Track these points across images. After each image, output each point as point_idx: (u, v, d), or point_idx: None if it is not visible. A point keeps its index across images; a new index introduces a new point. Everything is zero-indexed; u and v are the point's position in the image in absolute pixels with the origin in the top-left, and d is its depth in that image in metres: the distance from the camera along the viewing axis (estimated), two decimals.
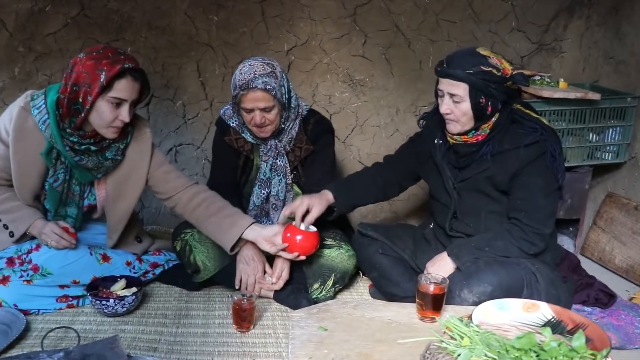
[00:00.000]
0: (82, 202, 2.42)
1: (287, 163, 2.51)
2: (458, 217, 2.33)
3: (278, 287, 2.38)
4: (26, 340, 2.06)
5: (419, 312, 1.92)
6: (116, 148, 2.30)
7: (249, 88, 2.29)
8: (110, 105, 2.12)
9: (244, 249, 2.39)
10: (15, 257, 2.33)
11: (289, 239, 2.24)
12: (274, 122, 2.39)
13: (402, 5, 3.17)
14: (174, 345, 2.06)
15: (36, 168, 2.26)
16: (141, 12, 3.15)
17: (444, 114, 2.15)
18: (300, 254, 2.27)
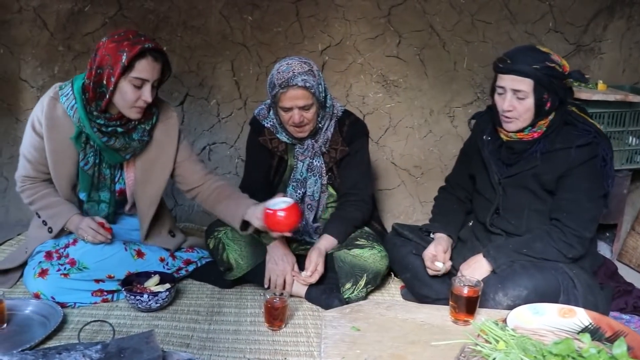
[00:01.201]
0: (114, 186, 2.46)
1: (323, 163, 2.51)
2: (500, 213, 2.31)
3: (313, 281, 2.36)
4: (63, 332, 2.10)
5: (452, 315, 1.91)
6: (142, 129, 2.34)
7: (288, 86, 2.29)
8: (132, 86, 2.17)
9: (273, 248, 2.41)
10: (53, 251, 2.40)
11: (272, 216, 2.16)
12: (312, 121, 2.39)
13: (437, 6, 3.15)
14: (206, 342, 2.07)
15: (69, 154, 2.33)
16: (177, 12, 3.19)
17: (506, 111, 2.12)
18: (286, 230, 2.20)
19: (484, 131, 2.33)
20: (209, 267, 2.60)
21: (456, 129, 3.30)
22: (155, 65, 2.19)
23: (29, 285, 2.33)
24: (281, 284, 2.37)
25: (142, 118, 2.29)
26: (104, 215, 2.48)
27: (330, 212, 2.59)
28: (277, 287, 2.37)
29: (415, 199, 3.40)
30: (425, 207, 3.39)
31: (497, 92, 2.17)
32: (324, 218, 2.60)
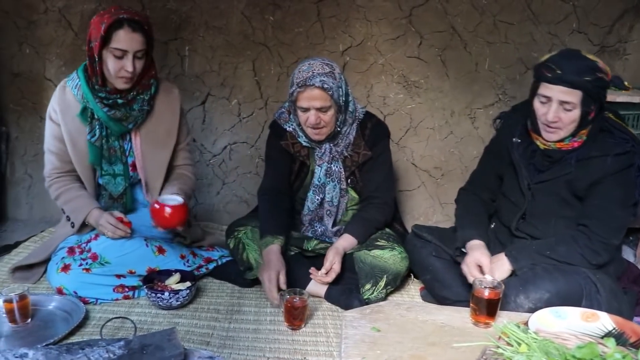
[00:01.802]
0: (126, 158, 2.51)
1: (341, 168, 2.50)
2: (527, 218, 2.27)
3: (329, 279, 2.35)
4: (85, 328, 2.13)
5: (473, 317, 1.90)
6: (141, 99, 2.42)
7: (306, 85, 2.28)
8: (113, 57, 2.25)
9: (264, 255, 2.38)
10: (75, 246, 2.45)
11: (158, 210, 2.23)
12: (330, 124, 2.37)
13: (459, 7, 3.14)
14: (226, 340, 2.08)
15: (81, 131, 2.42)
16: (199, 12, 3.21)
17: (551, 122, 2.04)
18: (167, 226, 2.27)
19: (513, 133, 2.27)
20: (229, 266, 2.61)
21: (477, 131, 3.28)
22: (133, 36, 2.24)
23: (52, 280, 2.37)
24: (271, 293, 2.28)
25: (140, 89, 2.38)
26: (122, 189, 2.53)
27: (351, 215, 2.59)
28: (268, 296, 2.31)
29: (435, 200, 3.39)
30: (445, 208, 3.38)
31: (539, 100, 2.07)
32: (344, 220, 2.59)
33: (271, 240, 2.38)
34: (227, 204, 3.44)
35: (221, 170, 3.40)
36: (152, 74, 2.42)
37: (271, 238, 2.39)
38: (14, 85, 3.44)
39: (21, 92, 3.44)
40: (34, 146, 3.42)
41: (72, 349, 1.64)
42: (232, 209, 3.41)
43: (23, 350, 1.57)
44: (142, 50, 2.28)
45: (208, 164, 3.40)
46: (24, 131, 3.49)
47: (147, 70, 2.39)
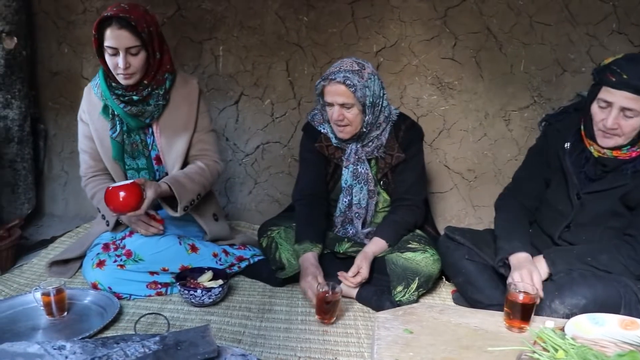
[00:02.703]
0: (148, 152, 2.53)
1: (368, 169, 2.49)
2: (571, 229, 2.19)
3: (356, 282, 2.33)
4: (119, 323, 2.15)
5: (507, 321, 1.87)
6: (157, 94, 2.42)
7: (329, 79, 2.30)
8: (108, 55, 2.28)
9: (301, 262, 2.39)
10: (110, 242, 2.48)
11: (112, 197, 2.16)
12: (353, 123, 2.36)
13: (495, 7, 3.10)
14: (257, 339, 2.09)
15: (107, 131, 2.47)
16: (234, 12, 3.24)
17: (610, 128, 1.96)
18: (128, 210, 2.20)
19: (565, 139, 2.19)
20: (260, 265, 2.62)
21: (511, 133, 3.24)
22: (120, 33, 2.24)
23: (87, 276, 2.41)
24: (311, 297, 2.29)
25: (154, 84, 2.38)
26: None
27: (382, 217, 2.58)
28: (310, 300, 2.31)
29: (468, 202, 3.36)
30: (477, 211, 3.35)
31: (599, 105, 1.99)
32: (375, 222, 2.58)
33: (310, 247, 2.39)
34: (259, 204, 3.46)
35: (253, 170, 3.42)
36: (167, 69, 2.41)
37: (310, 245, 2.40)
38: (53, 83, 3.52)
39: (59, 91, 3.52)
40: (70, 143, 3.50)
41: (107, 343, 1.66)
42: (263, 209, 3.43)
43: (61, 343, 1.59)
44: (135, 46, 2.26)
45: (240, 163, 3.42)
46: (61, 129, 3.57)
47: (160, 65, 2.39)
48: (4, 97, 3.16)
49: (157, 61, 2.36)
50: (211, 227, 2.63)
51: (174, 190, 2.33)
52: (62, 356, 1.54)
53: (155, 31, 2.32)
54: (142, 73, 2.34)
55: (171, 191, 2.34)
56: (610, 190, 2.08)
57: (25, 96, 3.26)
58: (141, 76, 2.35)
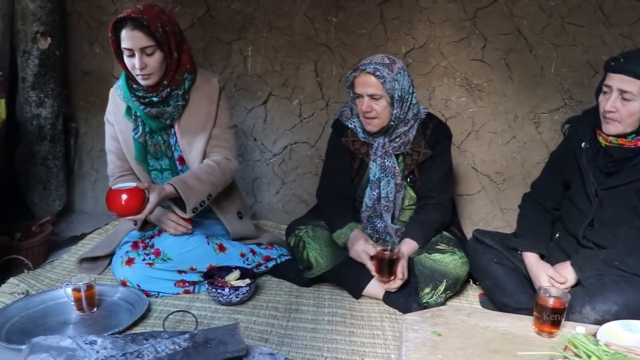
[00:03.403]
0: (172, 153, 2.54)
1: (395, 163, 2.49)
2: (595, 227, 2.19)
3: (395, 287, 2.33)
4: (148, 320, 2.18)
5: (536, 326, 1.85)
6: (176, 95, 2.42)
7: (359, 70, 2.35)
8: (126, 56, 2.31)
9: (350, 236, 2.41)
10: (139, 241, 2.51)
11: (114, 200, 2.12)
12: (381, 115, 2.38)
13: (525, 8, 3.07)
14: (284, 338, 2.10)
15: (129, 129, 2.49)
16: (263, 13, 3.25)
17: (607, 111, 2.04)
18: (122, 214, 2.16)
19: (583, 138, 2.22)
20: (288, 264, 2.64)
21: (541, 136, 3.20)
22: (133, 34, 2.25)
23: (116, 273, 2.45)
24: (365, 260, 2.33)
25: (173, 85, 2.38)
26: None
27: (409, 215, 2.57)
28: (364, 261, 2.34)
29: (496, 205, 3.33)
30: (505, 214, 3.31)
31: (602, 91, 2.09)
32: (402, 220, 2.58)
33: (355, 225, 2.44)
34: (286, 204, 3.47)
35: (281, 170, 3.43)
36: (186, 68, 2.41)
37: (354, 224, 2.45)
38: (84, 83, 3.58)
39: (90, 90, 3.57)
40: (100, 142, 3.54)
41: (136, 339, 1.68)
42: (290, 209, 3.44)
43: (92, 338, 1.62)
44: (149, 46, 2.27)
45: (268, 163, 3.44)
46: (92, 127, 3.62)
47: (178, 65, 2.39)
48: (37, 96, 3.22)
49: (175, 61, 2.37)
50: (234, 225, 2.65)
51: (179, 191, 2.29)
52: (93, 351, 1.56)
53: (172, 31, 2.32)
54: (160, 73, 2.35)
55: (178, 193, 2.31)
56: (626, 185, 2.10)
57: (58, 95, 3.32)
58: (160, 76, 2.35)
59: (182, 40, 2.40)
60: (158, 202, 2.23)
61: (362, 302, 2.43)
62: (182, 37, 2.40)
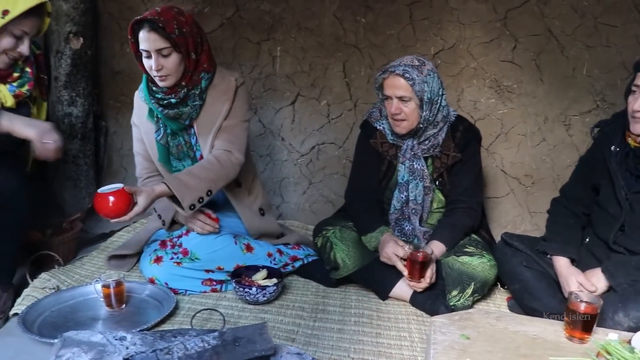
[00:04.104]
0: (194, 153, 2.56)
1: (424, 166, 2.47)
2: (626, 231, 2.14)
3: (424, 286, 2.31)
4: (175, 317, 2.20)
5: (567, 331, 1.82)
6: (193, 95, 2.43)
7: (388, 71, 2.34)
8: (144, 58, 2.33)
9: (381, 239, 2.40)
10: (167, 240, 2.53)
11: (101, 203, 2.09)
12: (410, 117, 2.37)
13: (557, 9, 3.02)
14: (311, 338, 2.10)
15: (153, 134, 2.53)
16: (291, 13, 3.26)
17: (636, 110, 2.02)
18: (116, 216, 2.14)
19: (612, 141, 2.19)
20: (314, 265, 2.64)
21: (571, 138, 3.15)
22: (150, 36, 2.27)
23: (144, 271, 2.47)
24: (396, 261, 2.32)
25: (190, 85, 2.39)
26: None
27: (437, 218, 2.56)
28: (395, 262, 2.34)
29: (524, 208, 3.29)
30: (534, 217, 3.27)
31: (631, 91, 2.07)
32: (430, 223, 2.56)
33: (386, 229, 2.44)
34: (313, 204, 3.47)
35: (308, 170, 3.44)
36: (204, 68, 2.41)
37: (385, 227, 2.45)
38: (114, 82, 3.62)
39: (120, 89, 3.62)
40: (129, 141, 3.57)
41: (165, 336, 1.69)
42: (317, 209, 3.44)
43: (122, 334, 1.63)
44: (165, 48, 2.28)
45: (295, 163, 3.44)
46: (122, 126, 3.66)
47: (196, 65, 2.40)
48: (69, 95, 3.27)
49: (193, 62, 2.38)
50: (254, 222, 2.65)
51: (172, 189, 2.24)
52: (123, 347, 1.57)
53: (189, 32, 2.33)
54: (178, 75, 2.36)
55: (171, 191, 2.26)
56: None
57: (89, 94, 3.37)
58: (178, 78, 2.37)
59: (202, 40, 2.40)
60: (149, 204, 2.19)
61: (388, 303, 2.42)
62: (202, 37, 2.41)
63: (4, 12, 1.97)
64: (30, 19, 2.06)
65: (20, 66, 2.18)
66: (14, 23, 2.01)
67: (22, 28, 2.05)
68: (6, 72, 2.13)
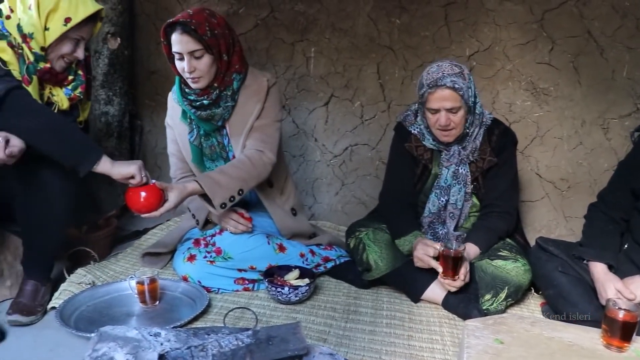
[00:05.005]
0: (227, 154, 2.57)
1: (468, 172, 2.45)
2: None
3: (458, 286, 2.27)
4: (208, 315, 2.22)
5: (605, 339, 1.78)
6: (225, 96, 2.45)
7: (437, 86, 2.27)
8: (176, 60, 2.36)
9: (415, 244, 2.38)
10: (201, 238, 2.55)
11: (133, 198, 2.14)
12: (459, 125, 2.34)
13: (597, 10, 2.96)
14: (342, 339, 2.09)
15: (187, 135, 2.56)
16: (326, 14, 3.26)
17: None
18: (146, 211, 2.16)
19: None
20: (346, 266, 2.64)
21: (610, 142, 3.09)
22: (182, 38, 2.28)
23: (178, 269, 2.50)
24: (428, 261, 2.29)
25: (222, 86, 2.41)
26: None
27: (472, 222, 2.53)
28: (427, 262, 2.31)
29: (560, 213, 3.23)
30: (569, 222, 3.22)
31: None
32: (465, 227, 2.54)
33: (420, 234, 2.40)
34: (345, 205, 3.47)
35: (341, 171, 3.44)
36: (236, 69, 2.43)
37: (419, 232, 2.42)
38: (149, 82, 3.67)
39: (155, 89, 3.67)
40: (163, 140, 3.61)
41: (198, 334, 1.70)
42: (350, 210, 3.43)
43: (156, 330, 1.65)
44: (197, 50, 2.30)
45: (328, 164, 3.44)
46: (156, 125, 3.72)
47: (228, 66, 2.41)
48: (106, 94, 3.32)
49: (225, 63, 2.40)
50: (286, 222, 2.66)
51: (204, 187, 2.26)
52: (157, 342, 1.59)
53: (221, 33, 2.34)
54: (210, 76, 2.38)
55: (203, 189, 2.28)
56: None
57: (125, 94, 3.42)
58: (210, 79, 2.39)
59: (233, 41, 2.42)
60: (179, 201, 2.21)
61: (420, 306, 2.41)
62: (234, 38, 2.42)
63: (66, 19, 2.05)
64: (88, 25, 2.14)
65: (74, 69, 2.24)
66: (74, 30, 2.09)
67: (80, 34, 2.13)
68: (62, 76, 2.20)
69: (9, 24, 2.06)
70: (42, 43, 2.06)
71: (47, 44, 2.07)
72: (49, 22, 2.04)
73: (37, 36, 2.04)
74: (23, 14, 2.04)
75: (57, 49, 2.11)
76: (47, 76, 2.13)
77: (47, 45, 2.08)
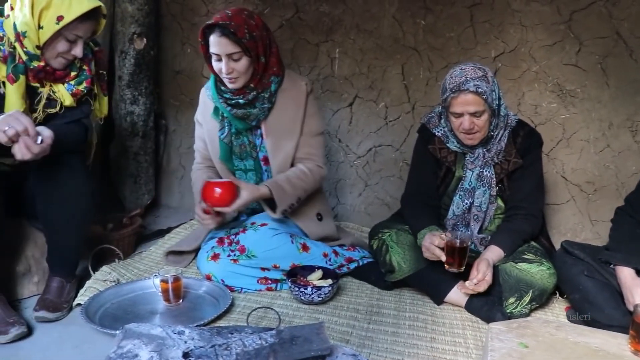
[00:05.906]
0: (257, 154, 2.60)
1: (493, 174, 2.43)
2: None
3: (481, 289, 2.24)
4: (231, 314, 2.23)
5: (632, 345, 1.76)
6: (262, 98, 2.47)
7: (460, 90, 2.25)
8: (214, 61, 2.39)
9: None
10: (225, 237, 2.56)
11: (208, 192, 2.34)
12: (483, 128, 2.32)
13: (627, 10, 2.90)
14: (365, 340, 2.09)
15: (216, 130, 2.59)
16: (351, 15, 3.26)
17: None
18: (220, 205, 2.35)
19: None
20: (369, 267, 2.63)
21: (638, 145, 3.04)
22: (221, 40, 2.30)
23: (201, 267, 2.52)
24: (433, 251, 2.25)
25: (259, 88, 2.44)
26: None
27: (496, 224, 2.51)
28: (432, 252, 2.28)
29: (585, 216, 3.19)
30: (595, 226, 3.17)
31: None
32: (489, 229, 2.51)
33: (434, 228, 2.37)
34: (368, 206, 3.46)
35: (364, 172, 3.43)
36: (273, 71, 2.46)
37: (434, 227, 2.38)
38: (175, 82, 3.71)
39: (180, 89, 3.70)
40: (188, 139, 3.66)
41: (221, 332, 1.71)
42: (373, 211, 3.42)
43: (180, 328, 1.67)
44: (236, 52, 2.32)
45: (352, 165, 3.44)
46: (181, 125, 3.75)
47: (265, 69, 2.44)
48: (132, 94, 3.36)
49: (262, 65, 2.41)
50: (312, 227, 2.66)
51: (274, 194, 2.40)
52: (181, 341, 1.60)
53: (259, 35, 2.36)
54: (247, 77, 2.41)
55: (271, 194, 2.41)
56: None
57: (150, 93, 3.46)
58: (247, 80, 2.42)
59: (270, 43, 2.44)
60: (250, 200, 2.38)
61: (443, 308, 2.39)
62: (271, 40, 2.44)
63: (59, 18, 2.03)
64: (84, 23, 2.11)
65: (77, 65, 2.24)
66: (68, 28, 2.07)
67: (76, 33, 2.10)
68: (63, 72, 2.20)
69: (7, 23, 2.07)
70: (36, 42, 2.05)
71: (41, 42, 2.06)
72: (42, 21, 2.03)
73: (30, 35, 2.04)
74: (19, 13, 2.04)
75: (52, 47, 2.09)
76: (41, 74, 2.13)
77: (41, 43, 2.07)
